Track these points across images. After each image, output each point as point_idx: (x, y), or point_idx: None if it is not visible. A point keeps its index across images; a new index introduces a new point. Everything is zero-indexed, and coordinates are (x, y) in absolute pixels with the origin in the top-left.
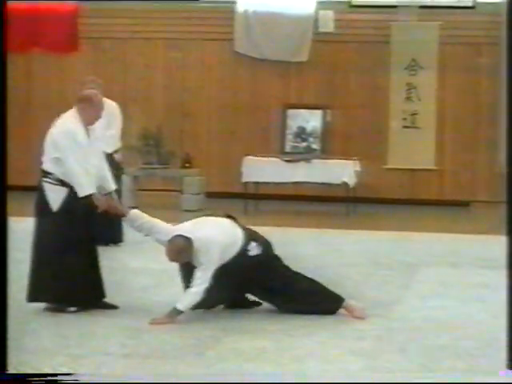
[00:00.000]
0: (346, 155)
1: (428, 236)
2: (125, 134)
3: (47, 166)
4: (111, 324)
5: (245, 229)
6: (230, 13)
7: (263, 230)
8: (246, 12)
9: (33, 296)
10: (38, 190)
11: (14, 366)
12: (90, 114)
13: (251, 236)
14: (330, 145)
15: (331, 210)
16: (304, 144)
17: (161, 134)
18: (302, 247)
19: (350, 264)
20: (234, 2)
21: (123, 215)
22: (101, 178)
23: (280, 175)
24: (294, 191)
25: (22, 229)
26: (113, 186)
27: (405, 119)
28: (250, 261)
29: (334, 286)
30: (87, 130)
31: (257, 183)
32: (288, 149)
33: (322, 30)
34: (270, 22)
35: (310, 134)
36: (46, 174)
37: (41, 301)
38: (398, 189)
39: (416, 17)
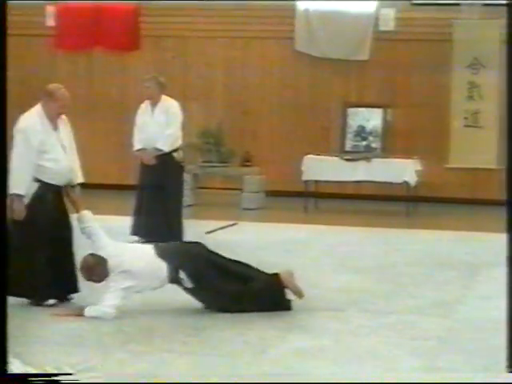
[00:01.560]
0: (406, 154)
1: (490, 236)
2: (185, 132)
3: None
4: (172, 321)
5: (172, 257)
6: (290, 11)
7: (323, 229)
8: (306, 10)
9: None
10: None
11: (73, 365)
12: (52, 109)
13: (179, 265)
14: (390, 143)
15: (391, 210)
16: (364, 143)
17: (221, 132)
18: (363, 246)
19: (410, 263)
20: (295, 1)
21: (77, 211)
22: (69, 171)
23: (340, 174)
24: (354, 190)
25: None
26: (78, 180)
27: (466, 118)
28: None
29: (396, 285)
30: (54, 123)
31: (317, 182)
32: (348, 147)
33: (382, 28)
34: (330, 20)
35: (371, 133)
36: None
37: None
38: (460, 188)
39: (478, 14)
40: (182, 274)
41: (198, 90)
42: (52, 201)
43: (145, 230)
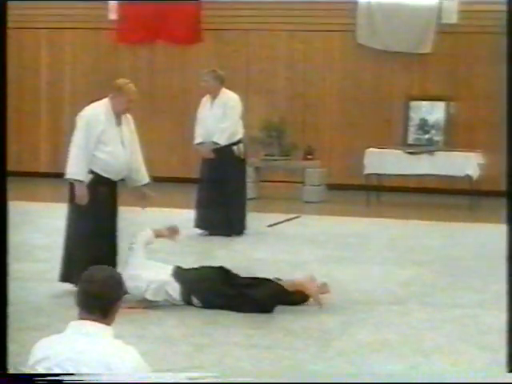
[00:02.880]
0: (469, 147)
1: None
2: (247, 125)
3: None
4: (234, 314)
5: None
6: (352, 4)
7: (385, 223)
8: (368, 3)
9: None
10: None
11: None
12: (120, 103)
13: (191, 290)
14: (452, 137)
15: (454, 203)
16: (426, 136)
17: (283, 125)
18: (426, 240)
19: (474, 257)
20: None
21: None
22: (131, 170)
23: (402, 167)
24: (416, 183)
25: None
26: (145, 180)
27: None
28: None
29: (459, 278)
30: (119, 119)
31: (379, 175)
32: (410, 141)
33: (445, 21)
34: (392, 13)
35: (433, 126)
36: None
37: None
38: None
39: None
40: (194, 300)
41: (260, 84)
42: (104, 194)
43: (207, 223)
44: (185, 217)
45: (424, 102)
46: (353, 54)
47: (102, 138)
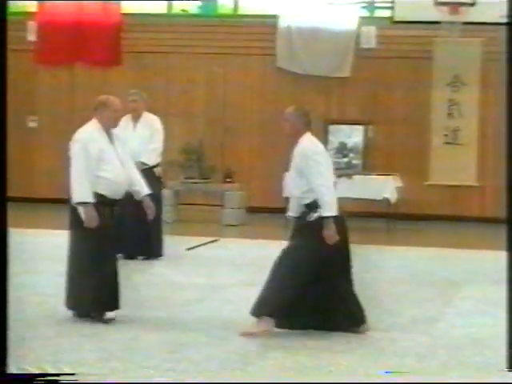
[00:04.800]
0: (387, 171)
1: (470, 253)
2: (166, 148)
3: None
4: (152, 338)
5: None
6: (272, 28)
7: None
8: (288, 28)
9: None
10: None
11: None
12: (108, 117)
13: None
14: (371, 160)
15: (372, 226)
16: (345, 160)
17: (202, 148)
18: None
19: (390, 280)
20: (277, 18)
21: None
22: (131, 183)
23: None
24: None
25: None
26: (146, 191)
27: (446, 135)
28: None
29: (375, 303)
30: (110, 136)
31: None
32: None
33: (364, 45)
34: (312, 37)
35: (352, 150)
36: None
37: (79, 309)
38: (440, 205)
39: (458, 33)
40: None
41: (180, 107)
42: (108, 216)
43: (124, 246)
44: None
45: (343, 126)
46: (272, 78)
47: (101, 157)
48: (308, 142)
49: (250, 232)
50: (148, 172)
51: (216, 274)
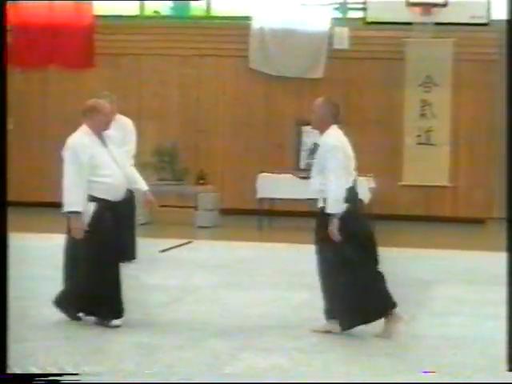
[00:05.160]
0: (360, 172)
1: (443, 253)
2: (139, 150)
3: None
4: (126, 341)
5: None
6: (245, 29)
7: (277, 247)
8: (261, 29)
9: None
10: None
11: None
12: (100, 121)
13: None
14: None
15: None
16: None
17: (175, 150)
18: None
19: None
20: (250, 19)
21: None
22: (131, 182)
23: (295, 192)
24: (308, 208)
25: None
26: (144, 187)
27: (419, 136)
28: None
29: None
30: (102, 139)
31: (271, 200)
32: (303, 165)
33: (336, 46)
34: (285, 38)
35: None
36: None
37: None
38: (413, 206)
39: (430, 34)
40: None
41: (153, 108)
42: (110, 219)
43: None
44: None
45: None
46: (245, 79)
47: (94, 163)
48: (332, 135)
49: (224, 234)
50: None
51: (189, 276)
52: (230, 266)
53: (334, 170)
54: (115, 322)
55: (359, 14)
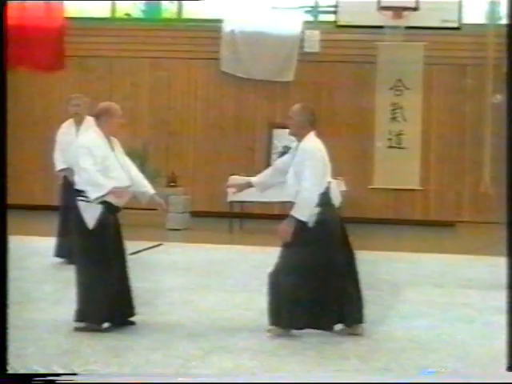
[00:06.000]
0: (331, 175)
1: (413, 256)
2: None
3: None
4: (95, 343)
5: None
6: (216, 32)
7: (248, 250)
8: (232, 32)
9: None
10: (74, 208)
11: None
12: (112, 125)
13: None
14: None
15: None
16: None
17: (146, 152)
18: None
19: None
20: (221, 22)
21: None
22: (138, 185)
23: (266, 194)
24: (279, 211)
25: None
26: (152, 190)
27: (390, 139)
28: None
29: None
30: (110, 143)
31: (242, 202)
32: None
33: (307, 50)
34: (256, 41)
35: None
36: (79, 192)
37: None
38: (383, 208)
39: (401, 37)
40: None
41: (124, 111)
42: (113, 225)
43: (69, 252)
44: (45, 245)
45: (287, 130)
46: (216, 82)
47: (105, 164)
48: (311, 142)
49: (194, 236)
50: None
51: (160, 278)
52: (201, 268)
53: (309, 178)
54: (105, 324)
55: (330, 17)
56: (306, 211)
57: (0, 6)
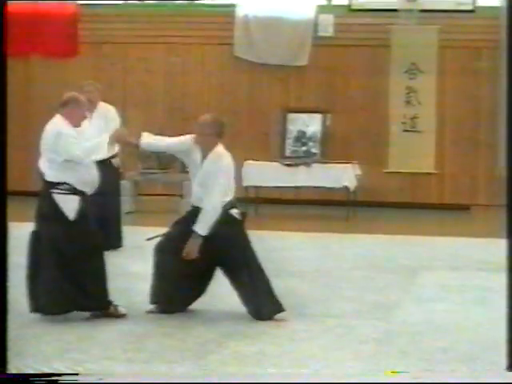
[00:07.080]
0: (346, 159)
1: (428, 239)
2: None
3: (55, 175)
4: (112, 329)
5: None
6: (230, 17)
7: (262, 235)
8: (245, 16)
9: (59, 307)
10: (44, 200)
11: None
12: (78, 115)
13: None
14: (330, 149)
15: (332, 214)
16: (304, 148)
17: None
18: (302, 251)
19: (350, 268)
20: (234, 7)
21: (136, 145)
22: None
23: (280, 179)
24: (294, 195)
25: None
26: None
27: (405, 123)
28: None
29: (334, 290)
30: (77, 131)
31: (257, 187)
32: (288, 153)
33: (321, 34)
34: (269, 26)
35: (310, 138)
36: (54, 184)
37: (70, 310)
38: (398, 192)
39: (416, 20)
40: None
41: (138, 97)
42: (85, 209)
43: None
44: None
45: (301, 115)
46: (230, 67)
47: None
48: (221, 156)
49: None
50: (106, 163)
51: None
52: None
53: (213, 193)
54: (121, 309)
55: (344, 1)
56: (205, 226)
57: (0, 6)
